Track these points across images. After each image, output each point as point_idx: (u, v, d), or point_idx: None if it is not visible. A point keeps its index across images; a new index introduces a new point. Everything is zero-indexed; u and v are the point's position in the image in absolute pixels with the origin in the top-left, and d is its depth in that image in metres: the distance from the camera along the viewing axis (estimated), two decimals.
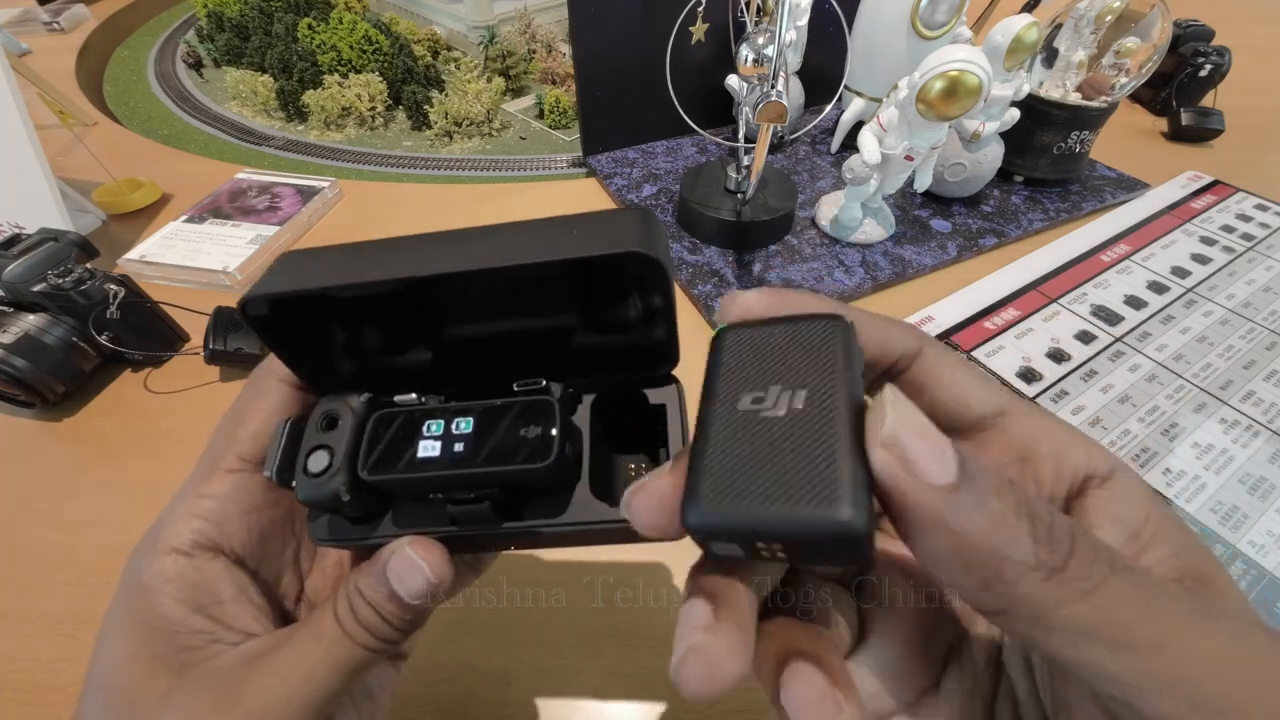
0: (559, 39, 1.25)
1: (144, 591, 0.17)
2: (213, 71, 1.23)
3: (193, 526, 0.18)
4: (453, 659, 0.31)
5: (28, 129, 0.54)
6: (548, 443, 0.16)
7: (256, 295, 0.16)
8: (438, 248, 0.16)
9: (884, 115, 0.47)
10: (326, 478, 0.16)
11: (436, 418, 0.17)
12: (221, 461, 0.18)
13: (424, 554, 0.17)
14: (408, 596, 0.17)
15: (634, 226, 0.16)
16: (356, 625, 0.17)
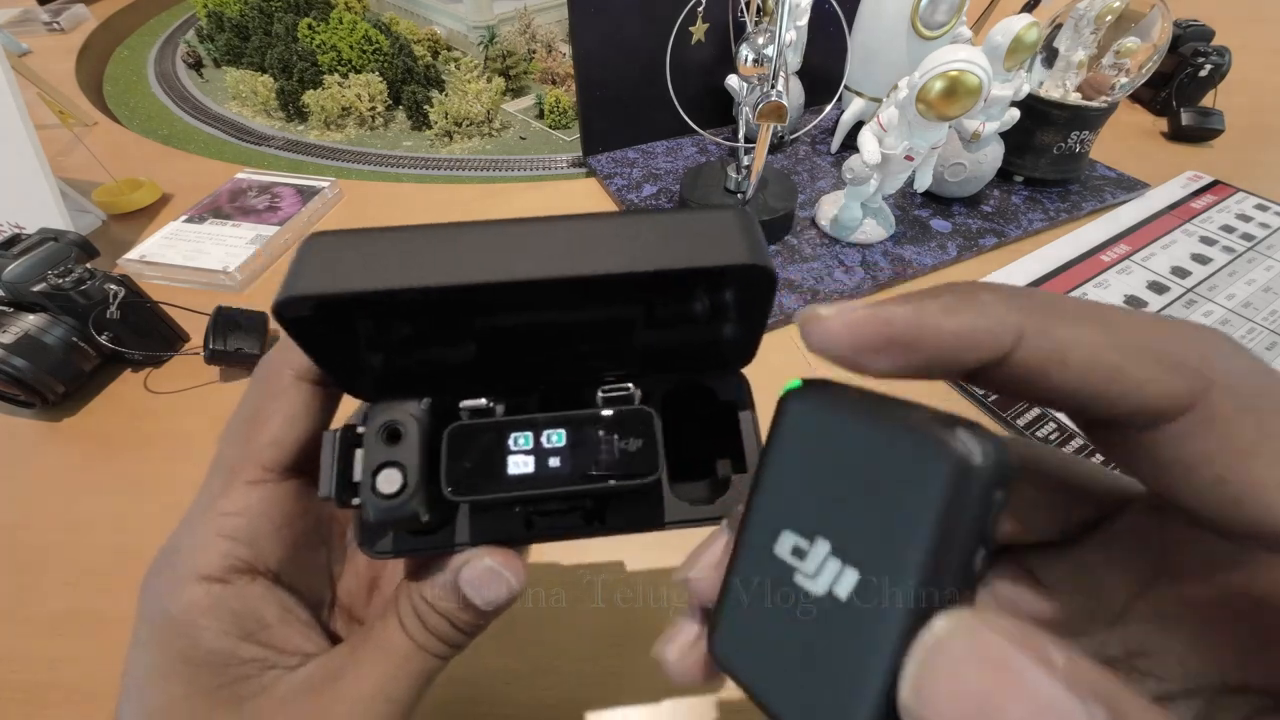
0: (559, 39, 1.25)
1: (179, 626, 0.16)
2: (213, 71, 1.23)
3: (221, 550, 0.16)
4: (453, 659, 0.31)
5: (28, 129, 0.54)
6: (651, 457, 0.15)
7: (297, 295, 0.13)
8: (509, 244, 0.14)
9: (884, 115, 0.47)
10: (404, 499, 0.15)
11: (522, 429, 0.16)
12: (241, 473, 0.17)
13: (504, 562, 0.16)
14: (485, 605, 0.16)
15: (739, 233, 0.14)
16: (428, 635, 0.16)
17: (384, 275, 0.13)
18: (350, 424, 0.16)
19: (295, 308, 0.14)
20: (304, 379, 0.17)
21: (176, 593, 0.16)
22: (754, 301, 0.16)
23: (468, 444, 0.15)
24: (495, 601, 0.16)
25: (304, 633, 0.17)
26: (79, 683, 0.31)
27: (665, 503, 0.17)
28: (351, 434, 0.16)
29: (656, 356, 0.18)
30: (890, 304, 0.12)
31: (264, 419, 0.17)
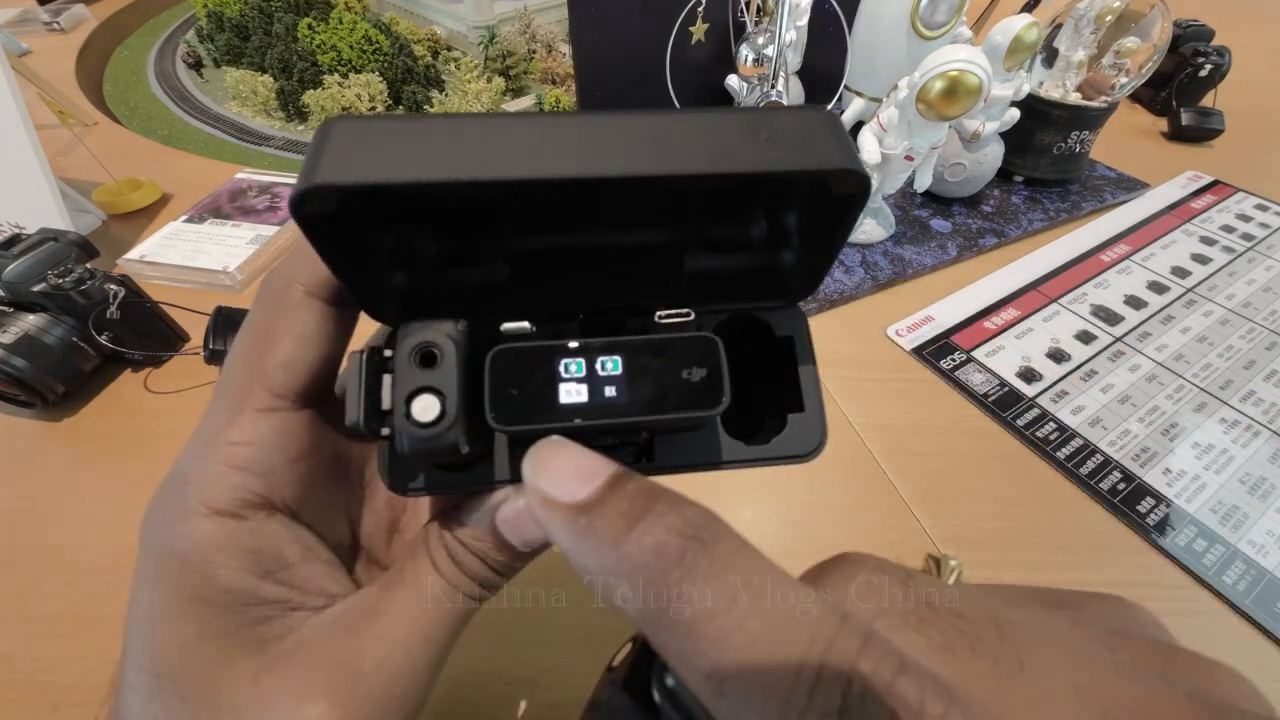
0: (559, 39, 1.25)
1: (190, 563, 0.14)
2: (213, 71, 1.23)
3: (233, 482, 0.14)
4: (453, 659, 0.31)
5: (28, 129, 0.54)
6: (717, 386, 0.14)
7: (320, 185, 0.11)
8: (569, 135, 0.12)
9: (884, 115, 0.47)
10: (443, 428, 0.13)
11: (574, 355, 0.14)
12: (250, 399, 0.15)
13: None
14: (522, 545, 0.15)
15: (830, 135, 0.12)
16: (462, 576, 0.15)
17: (424, 166, 0.11)
18: (375, 345, 0.14)
19: (316, 202, 0.11)
20: (316, 296, 0.15)
21: (185, 528, 0.14)
22: (837, 216, 0.14)
23: (514, 369, 0.14)
24: (534, 542, 0.15)
25: (329, 573, 0.16)
26: (79, 683, 0.31)
27: (713, 441, 0.16)
28: (379, 357, 0.14)
29: (707, 284, 0.16)
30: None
31: (273, 339, 0.15)
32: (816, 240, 0.15)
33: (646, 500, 0.11)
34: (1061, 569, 0.35)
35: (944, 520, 0.37)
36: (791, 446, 0.16)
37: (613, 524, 0.11)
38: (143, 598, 0.14)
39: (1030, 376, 0.45)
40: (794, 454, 0.16)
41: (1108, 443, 0.40)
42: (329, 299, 0.15)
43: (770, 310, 0.17)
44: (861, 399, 0.43)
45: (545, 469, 0.12)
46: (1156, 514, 0.37)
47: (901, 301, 0.51)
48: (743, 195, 0.15)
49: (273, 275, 0.16)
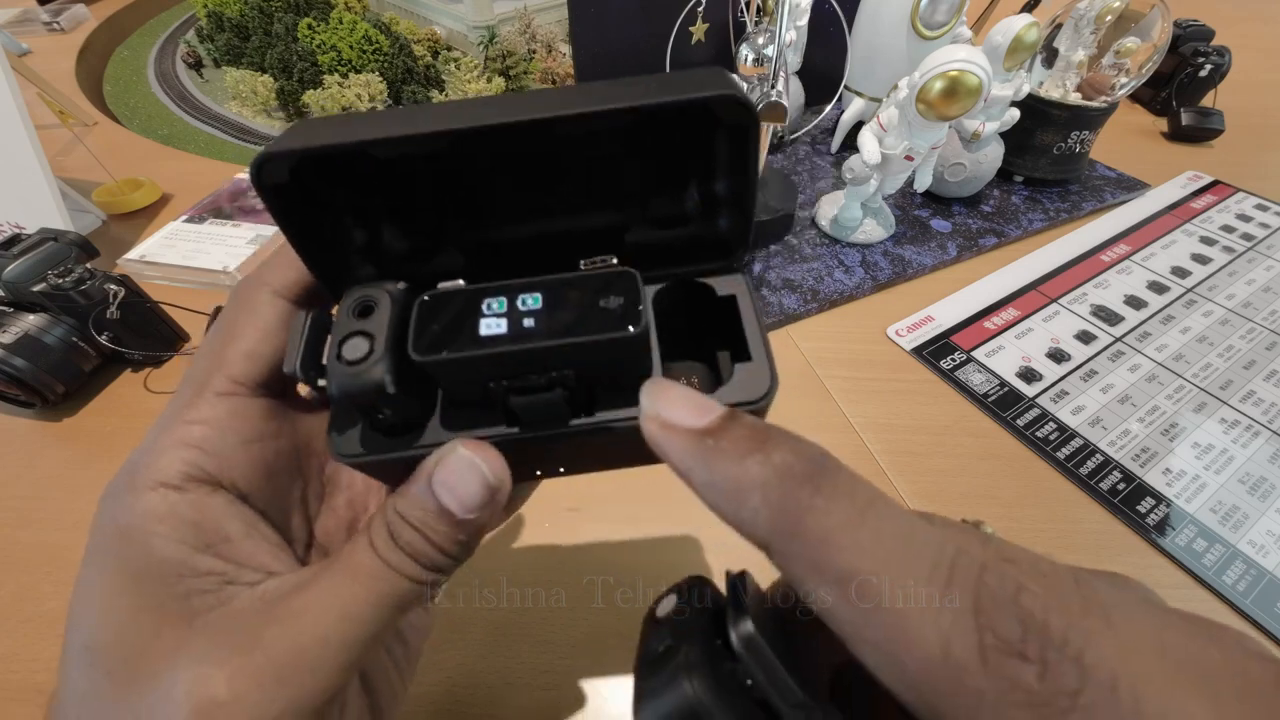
0: (559, 39, 1.25)
1: (131, 535, 0.14)
2: (213, 71, 1.23)
3: (182, 456, 0.15)
4: (453, 659, 0.31)
5: (28, 129, 0.54)
6: (633, 310, 0.14)
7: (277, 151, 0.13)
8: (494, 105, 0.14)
9: (884, 115, 0.47)
10: (368, 365, 0.14)
11: (497, 295, 0.14)
12: (210, 384, 0.15)
13: (478, 452, 0.14)
14: (461, 509, 0.14)
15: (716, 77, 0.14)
16: (399, 554, 0.14)
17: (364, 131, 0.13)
18: (329, 312, 0.15)
19: (275, 169, 0.13)
20: (281, 295, 0.17)
21: (129, 500, 0.15)
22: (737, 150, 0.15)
23: (440, 310, 0.15)
24: (469, 501, 0.14)
25: (271, 552, 0.16)
26: None
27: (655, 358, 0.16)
28: (325, 318, 0.15)
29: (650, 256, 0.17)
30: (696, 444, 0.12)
31: (237, 333, 0.16)
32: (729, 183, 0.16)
33: (765, 430, 0.12)
34: None
35: None
36: (741, 394, 0.16)
37: (740, 445, 0.11)
38: (84, 572, 0.15)
39: (1030, 376, 0.45)
40: (744, 400, 0.17)
41: (1108, 443, 0.40)
42: (294, 299, 0.17)
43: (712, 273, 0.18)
44: (861, 399, 0.43)
45: (664, 398, 0.13)
46: (1156, 514, 0.37)
47: (901, 301, 0.51)
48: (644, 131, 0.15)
49: (245, 279, 0.17)
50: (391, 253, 0.17)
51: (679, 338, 0.18)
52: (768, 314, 0.48)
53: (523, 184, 0.16)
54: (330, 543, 0.19)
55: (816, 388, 0.44)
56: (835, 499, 0.10)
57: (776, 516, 0.11)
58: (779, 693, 0.11)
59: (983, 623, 0.09)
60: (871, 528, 0.10)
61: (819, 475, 0.11)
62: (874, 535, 0.10)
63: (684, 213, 0.17)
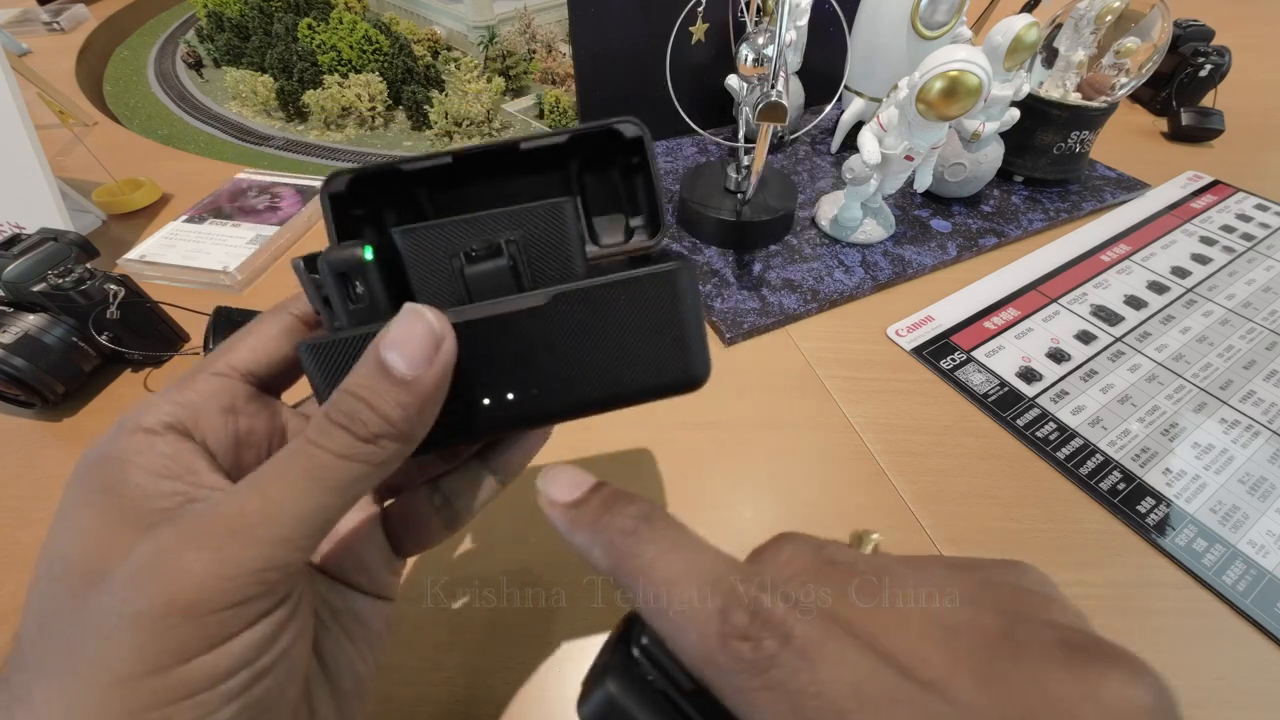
0: (559, 39, 1.25)
1: (109, 463, 0.16)
2: (213, 71, 1.23)
3: (165, 410, 0.17)
4: (453, 659, 0.31)
5: (28, 129, 0.54)
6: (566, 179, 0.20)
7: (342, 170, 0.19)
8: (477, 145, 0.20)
9: (884, 115, 0.47)
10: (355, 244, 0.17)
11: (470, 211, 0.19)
12: (208, 366, 0.18)
13: (424, 309, 0.15)
14: (407, 364, 0.15)
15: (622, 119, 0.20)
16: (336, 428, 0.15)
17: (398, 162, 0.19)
18: None
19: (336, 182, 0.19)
20: (298, 317, 0.20)
21: (113, 437, 0.17)
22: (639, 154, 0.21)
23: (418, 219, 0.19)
24: (414, 355, 0.15)
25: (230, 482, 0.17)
26: None
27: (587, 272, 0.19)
28: None
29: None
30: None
31: (248, 334, 0.19)
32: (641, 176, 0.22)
33: (613, 498, 0.16)
34: (1061, 569, 0.35)
35: (944, 520, 0.37)
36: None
37: (592, 514, 0.15)
38: (62, 497, 0.16)
39: (1030, 376, 0.45)
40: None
41: (1108, 443, 0.40)
42: (305, 321, 0.20)
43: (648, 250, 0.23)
44: (861, 399, 0.43)
45: (553, 482, 0.16)
46: (1156, 514, 0.37)
47: (901, 301, 0.51)
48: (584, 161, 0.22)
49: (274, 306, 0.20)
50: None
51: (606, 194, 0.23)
52: (768, 314, 0.48)
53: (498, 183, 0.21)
54: None
55: (816, 388, 0.44)
56: (649, 543, 0.14)
57: (611, 559, 0.15)
58: (671, 683, 0.14)
59: (724, 617, 0.12)
60: (669, 560, 0.14)
61: (641, 528, 0.15)
62: (669, 565, 0.14)
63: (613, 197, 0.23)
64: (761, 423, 0.42)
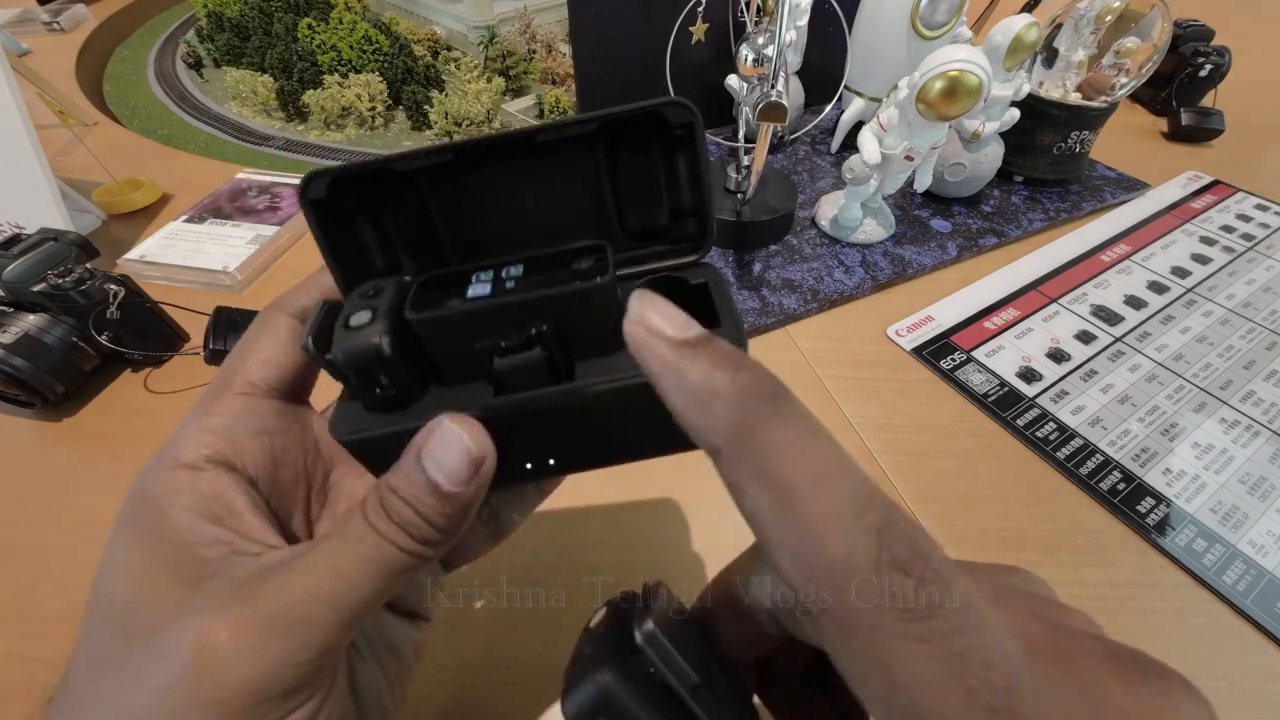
0: (559, 39, 1.25)
1: (153, 504, 0.16)
2: (213, 71, 1.23)
3: (203, 441, 0.17)
4: (453, 659, 0.31)
5: (28, 129, 0.54)
6: (603, 262, 0.16)
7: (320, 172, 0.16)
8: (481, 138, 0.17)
9: (884, 115, 0.47)
10: (368, 329, 0.15)
11: (486, 269, 0.17)
12: (231, 385, 0.18)
13: (462, 426, 0.15)
14: (448, 481, 0.15)
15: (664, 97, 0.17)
16: (389, 524, 0.15)
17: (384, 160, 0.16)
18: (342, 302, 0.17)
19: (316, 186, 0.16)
20: (295, 317, 0.19)
21: (155, 476, 0.17)
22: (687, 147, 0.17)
23: (434, 283, 0.17)
24: (454, 473, 0.15)
25: (273, 530, 0.17)
26: None
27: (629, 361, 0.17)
28: (339, 305, 0.17)
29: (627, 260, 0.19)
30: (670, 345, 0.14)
31: (256, 344, 0.19)
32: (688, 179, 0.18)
33: (737, 354, 0.13)
34: (1061, 569, 0.35)
35: (944, 520, 0.37)
36: None
37: (714, 359, 0.13)
38: (110, 535, 0.17)
39: (1030, 376, 0.45)
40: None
41: (1108, 443, 0.40)
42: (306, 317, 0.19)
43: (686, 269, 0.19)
44: (861, 399, 0.43)
45: (652, 306, 0.14)
46: (1156, 514, 0.37)
47: (901, 301, 0.51)
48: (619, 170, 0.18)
49: (267, 306, 0.19)
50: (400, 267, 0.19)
51: None
52: (768, 314, 0.48)
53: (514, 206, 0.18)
54: None
55: (816, 387, 0.44)
56: (788, 420, 0.12)
57: (735, 424, 0.12)
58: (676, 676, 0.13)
59: (883, 541, 0.11)
60: (812, 450, 0.12)
61: (777, 398, 0.12)
62: (812, 456, 0.12)
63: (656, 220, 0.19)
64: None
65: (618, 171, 0.18)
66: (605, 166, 0.18)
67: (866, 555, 0.10)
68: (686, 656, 0.13)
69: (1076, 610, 0.13)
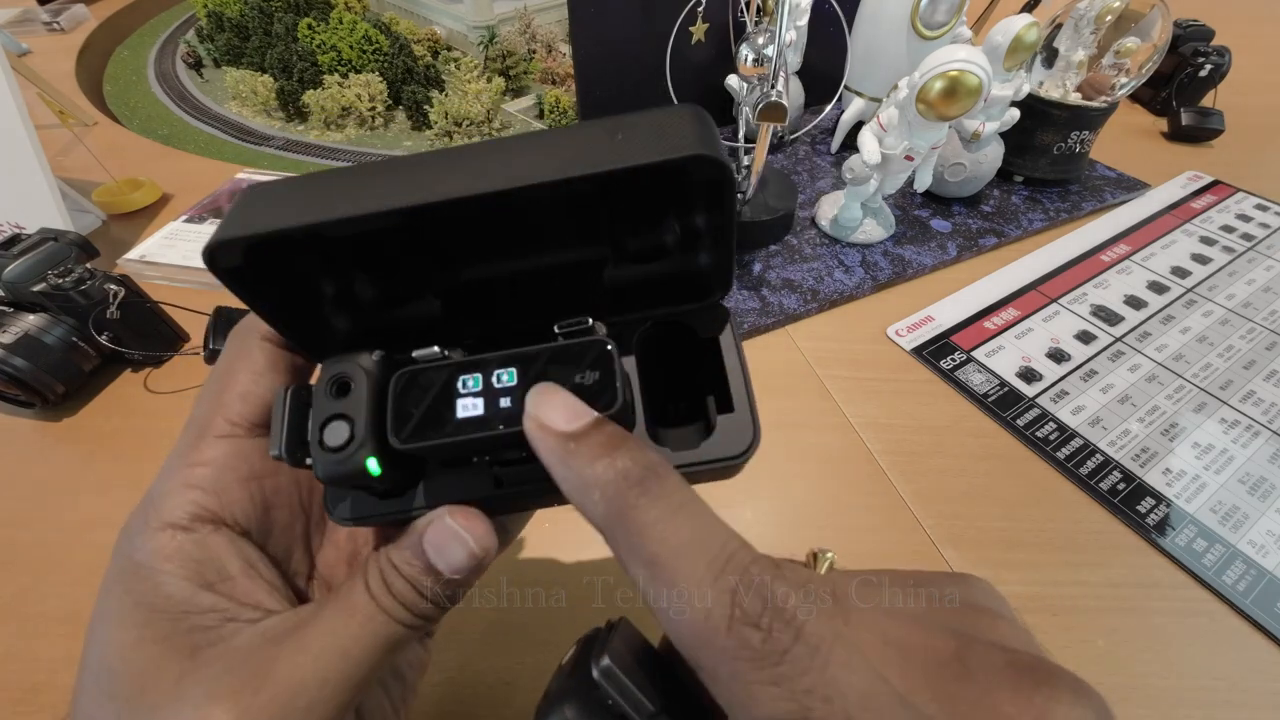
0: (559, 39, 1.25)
1: (142, 571, 0.15)
2: (213, 71, 1.23)
3: (189, 498, 0.16)
4: (453, 659, 0.31)
5: (28, 129, 0.54)
6: (610, 388, 0.14)
7: (227, 239, 0.13)
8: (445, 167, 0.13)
9: (884, 115, 0.47)
10: (350, 451, 0.14)
11: (472, 371, 0.15)
12: (210, 428, 0.17)
13: (466, 523, 0.16)
14: (449, 571, 0.15)
15: (687, 126, 0.13)
16: (392, 600, 0.15)
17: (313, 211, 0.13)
18: (307, 384, 0.16)
19: (226, 255, 0.13)
20: (270, 340, 0.17)
21: (142, 539, 0.16)
22: (713, 203, 0.15)
23: (415, 389, 0.15)
24: (456, 566, 0.15)
25: (268, 590, 0.17)
26: None
27: None
28: (304, 393, 0.15)
29: (629, 294, 0.17)
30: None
31: (232, 376, 0.17)
32: (708, 228, 0.16)
33: (619, 439, 0.14)
34: (1061, 569, 0.35)
35: (944, 520, 0.37)
36: (721, 449, 0.16)
37: (593, 450, 0.13)
38: (99, 601, 0.16)
39: (1030, 376, 0.45)
40: (724, 457, 0.16)
41: (1108, 443, 0.40)
42: (280, 342, 0.18)
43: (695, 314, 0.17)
44: (861, 399, 0.43)
45: (546, 403, 0.14)
46: (1156, 514, 0.37)
47: (901, 301, 0.51)
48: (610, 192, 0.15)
49: (239, 324, 0.18)
50: (366, 308, 0.17)
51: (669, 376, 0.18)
52: (768, 314, 0.48)
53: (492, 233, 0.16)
54: (332, 575, 0.20)
55: (816, 387, 0.44)
56: (656, 500, 0.13)
57: (610, 510, 0.13)
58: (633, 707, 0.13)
59: (735, 600, 0.12)
60: (676, 525, 0.13)
61: (648, 480, 0.13)
62: (676, 530, 0.13)
63: (663, 247, 0.17)
64: (761, 423, 0.42)
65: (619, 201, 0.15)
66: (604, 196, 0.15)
67: (721, 614, 0.12)
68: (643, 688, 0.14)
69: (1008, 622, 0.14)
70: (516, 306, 0.17)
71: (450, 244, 0.16)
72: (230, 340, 0.18)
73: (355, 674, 0.15)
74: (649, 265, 0.17)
